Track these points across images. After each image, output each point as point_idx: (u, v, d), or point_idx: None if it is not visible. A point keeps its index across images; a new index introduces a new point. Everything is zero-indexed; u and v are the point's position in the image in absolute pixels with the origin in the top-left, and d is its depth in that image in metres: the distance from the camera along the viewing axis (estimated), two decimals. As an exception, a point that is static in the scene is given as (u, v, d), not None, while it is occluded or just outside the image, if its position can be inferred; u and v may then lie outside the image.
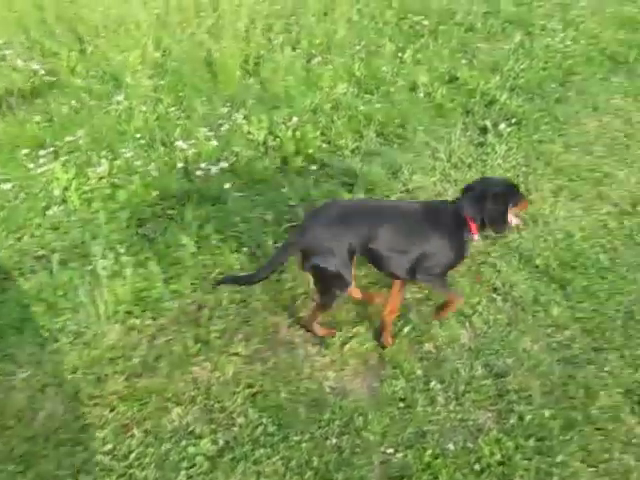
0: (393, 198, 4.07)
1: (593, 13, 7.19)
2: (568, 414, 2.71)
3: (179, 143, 4.28)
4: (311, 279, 2.83)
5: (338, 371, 2.89)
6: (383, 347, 2.97)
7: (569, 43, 6.39)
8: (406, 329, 3.07)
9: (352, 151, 4.60)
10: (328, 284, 2.75)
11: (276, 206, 3.89)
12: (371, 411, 2.68)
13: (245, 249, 3.53)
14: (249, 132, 4.60)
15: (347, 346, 2.98)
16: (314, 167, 4.29)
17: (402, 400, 2.74)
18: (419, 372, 2.86)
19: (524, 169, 4.45)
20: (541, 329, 3.15)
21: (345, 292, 2.82)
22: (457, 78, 5.64)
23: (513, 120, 5.01)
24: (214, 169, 4.14)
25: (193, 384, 2.82)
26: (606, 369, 2.93)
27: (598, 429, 2.66)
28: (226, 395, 2.76)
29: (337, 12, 6.80)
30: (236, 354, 2.96)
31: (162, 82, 5.20)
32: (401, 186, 4.12)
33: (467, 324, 3.15)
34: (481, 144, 4.73)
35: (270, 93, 5.22)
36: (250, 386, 2.81)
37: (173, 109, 4.88)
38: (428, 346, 3.00)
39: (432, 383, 2.80)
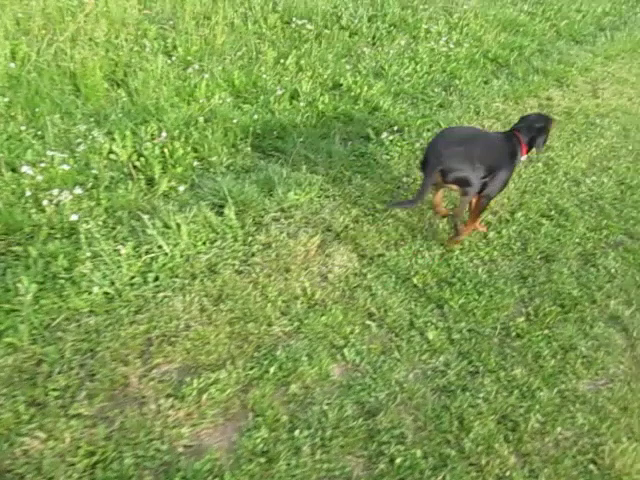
0: (270, 216, 3.83)
1: (476, 16, 7.29)
2: (441, 451, 2.56)
3: (25, 168, 3.79)
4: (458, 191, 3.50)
5: (194, 426, 2.58)
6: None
7: (452, 46, 6.41)
8: (272, 369, 2.81)
9: (227, 167, 4.30)
10: (467, 190, 3.43)
11: (137, 235, 3.52)
12: (228, 471, 2.40)
13: (96, 289, 3.15)
14: (111, 151, 4.17)
15: (205, 395, 2.67)
16: (182, 188, 3.94)
17: (264, 454, 2.48)
18: (284, 418, 2.61)
19: (405, 179, 4.33)
20: (416, 355, 3.00)
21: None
22: (341, 84, 5.47)
23: (395, 127, 4.90)
24: (68, 196, 3.69)
25: (23, 459, 2.42)
26: (481, 395, 2.81)
27: (472, 464, 2.53)
28: (61, 469, 2.38)
29: (220, 15, 6.45)
30: (77, 416, 2.58)
31: (11, 98, 4.63)
32: (275, 205, 3.87)
33: (339, 357, 2.94)
34: (362, 154, 4.56)
35: (139, 106, 4.80)
36: (91, 454, 2.44)
37: (25, 128, 4.36)
38: (295, 387, 2.75)
39: (297, 431, 2.56)
